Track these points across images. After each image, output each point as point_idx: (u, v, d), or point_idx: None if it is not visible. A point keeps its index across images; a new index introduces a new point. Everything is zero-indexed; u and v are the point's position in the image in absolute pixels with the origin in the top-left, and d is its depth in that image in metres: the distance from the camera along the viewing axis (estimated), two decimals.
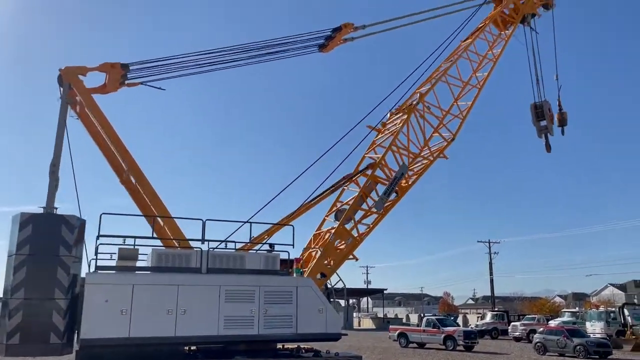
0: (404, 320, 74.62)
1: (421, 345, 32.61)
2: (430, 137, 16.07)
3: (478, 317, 57.95)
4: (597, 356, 26.34)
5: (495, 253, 66.97)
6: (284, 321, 11.11)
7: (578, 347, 26.97)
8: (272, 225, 13.91)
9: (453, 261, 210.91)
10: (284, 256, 12.17)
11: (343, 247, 14.26)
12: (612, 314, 38.16)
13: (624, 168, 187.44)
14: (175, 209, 12.86)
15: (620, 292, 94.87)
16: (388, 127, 16.12)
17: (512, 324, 43.72)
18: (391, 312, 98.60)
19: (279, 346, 12.07)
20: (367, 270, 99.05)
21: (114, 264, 10.56)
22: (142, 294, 10.01)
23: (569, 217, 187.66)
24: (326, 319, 11.59)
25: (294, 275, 12.29)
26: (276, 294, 11.18)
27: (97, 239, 10.25)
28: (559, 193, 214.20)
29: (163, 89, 13.22)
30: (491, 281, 65.99)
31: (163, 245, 11.95)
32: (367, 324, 72.93)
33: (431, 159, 15.78)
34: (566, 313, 46.41)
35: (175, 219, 12.26)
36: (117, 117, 13.22)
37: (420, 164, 15.74)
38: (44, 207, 10.39)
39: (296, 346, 12.35)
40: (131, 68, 12.88)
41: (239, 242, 12.50)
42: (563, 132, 19.41)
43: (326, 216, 15.32)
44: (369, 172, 15.01)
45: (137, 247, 11.03)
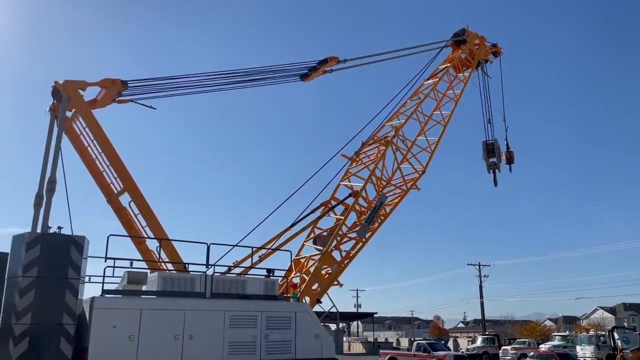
0: (394, 345, 73.71)
1: None
2: (397, 170, 16.85)
3: (469, 341, 57.59)
4: None
5: (485, 276, 66.94)
6: (283, 346, 11.16)
7: None
8: (268, 251, 14.20)
9: (443, 284, 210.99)
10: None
11: (329, 273, 14.63)
12: (602, 338, 38.14)
13: (613, 189, 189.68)
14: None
15: (609, 315, 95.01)
16: (361, 157, 16.97)
17: (503, 348, 43.51)
18: (381, 336, 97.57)
19: None
20: (357, 294, 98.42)
21: (114, 286, 10.31)
22: (150, 319, 9.70)
23: (558, 240, 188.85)
24: (321, 343, 11.74)
25: (291, 300, 12.41)
26: (276, 319, 11.24)
27: (105, 261, 10.03)
28: (548, 216, 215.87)
29: (154, 108, 13.37)
30: (482, 304, 65.85)
31: (155, 269, 11.83)
32: (357, 348, 72.08)
33: (405, 189, 16.59)
34: (556, 337, 46.26)
35: (175, 242, 12.29)
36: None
37: (396, 194, 16.57)
38: (60, 227, 9.81)
39: None
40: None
41: (242, 266, 12.86)
42: (510, 170, 20.45)
43: (305, 242, 15.78)
44: (349, 200, 15.68)
45: (146, 271, 10.99)
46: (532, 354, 31.65)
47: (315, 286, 14.39)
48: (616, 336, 37.02)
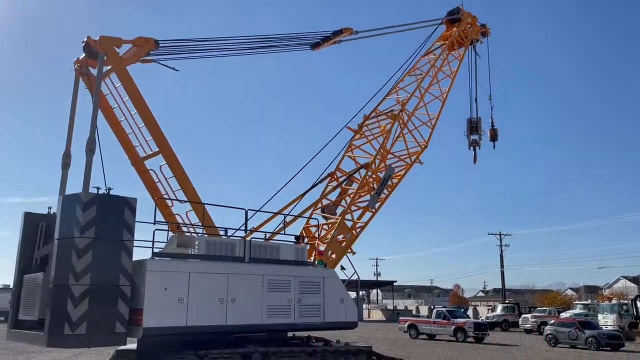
0: (413, 312, 74.52)
1: (431, 337, 32.54)
2: (394, 143, 17.37)
3: (488, 310, 57.77)
4: (609, 348, 26.14)
5: (506, 245, 66.60)
6: (314, 310, 11.66)
7: (590, 339, 26.79)
8: (294, 218, 14.85)
9: (464, 253, 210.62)
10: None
11: (344, 240, 15.17)
12: (624, 306, 37.86)
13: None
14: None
15: (632, 284, 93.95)
16: (363, 130, 17.56)
17: (523, 316, 43.52)
18: (401, 304, 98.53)
19: (290, 334, 12.21)
20: (376, 263, 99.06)
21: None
22: (197, 282, 9.87)
23: (581, 209, 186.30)
24: (346, 308, 12.28)
25: (318, 266, 12.76)
26: (308, 284, 11.68)
27: (154, 224, 10.20)
28: (572, 185, 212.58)
29: (177, 70, 13.21)
30: (502, 274, 65.71)
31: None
32: (377, 315, 72.99)
33: (409, 162, 17.11)
34: (578, 305, 46.05)
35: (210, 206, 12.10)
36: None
37: (401, 166, 17.15)
38: (97, 188, 9.67)
39: (307, 335, 12.45)
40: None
41: (268, 232, 13.28)
42: (494, 146, 21.48)
43: (314, 211, 16.06)
44: (361, 172, 16.28)
45: (193, 235, 11.17)
46: (552, 321, 31.55)
47: (329, 253, 14.74)
48: (639, 305, 36.70)
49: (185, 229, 12.14)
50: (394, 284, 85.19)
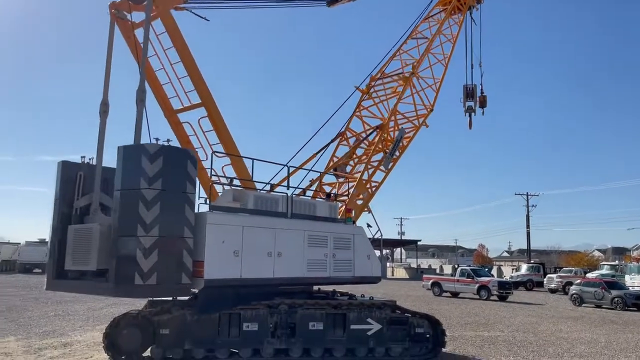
0: (437, 271, 75.04)
1: (454, 295, 32.87)
2: (396, 104, 17.63)
3: (513, 269, 57.76)
4: (635, 308, 26.04)
5: (533, 206, 66.02)
6: (345, 265, 12.03)
7: (616, 299, 26.69)
8: (321, 174, 15.38)
9: (489, 214, 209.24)
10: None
11: (361, 199, 15.70)
12: None
13: None
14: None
15: None
16: (371, 91, 17.81)
17: (548, 276, 43.44)
18: (424, 263, 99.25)
19: (315, 288, 12.49)
20: (401, 222, 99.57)
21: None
22: (249, 236, 10.11)
23: (610, 169, 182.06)
24: (372, 263, 12.67)
25: (348, 223, 13.08)
26: (340, 240, 12.03)
27: (210, 178, 10.34)
28: (602, 144, 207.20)
29: (207, 20, 12.95)
30: (528, 234, 65.40)
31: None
32: (401, 273, 73.78)
33: (417, 124, 17.40)
34: (605, 266, 45.61)
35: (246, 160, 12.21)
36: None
37: (409, 128, 17.45)
38: (157, 139, 9.50)
39: (332, 290, 12.71)
40: None
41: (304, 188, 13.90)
42: (483, 113, 21.95)
43: (325, 170, 16.38)
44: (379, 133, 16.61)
45: (247, 190, 11.36)
46: (578, 281, 31.43)
47: None
48: None
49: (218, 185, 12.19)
50: (418, 243, 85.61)
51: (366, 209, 15.95)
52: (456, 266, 45.72)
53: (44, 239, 61.40)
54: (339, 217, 13.18)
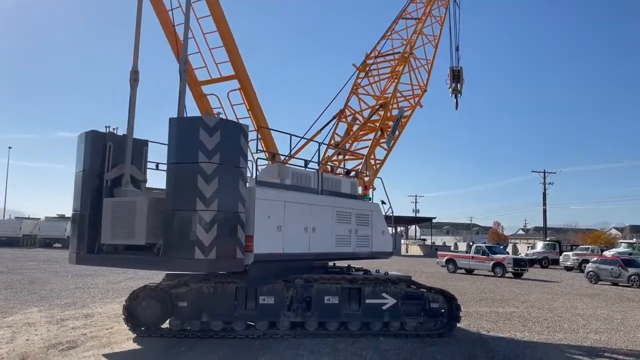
0: (452, 249, 75.05)
1: (469, 272, 32.87)
2: (391, 84, 17.67)
3: (528, 247, 57.51)
4: None
5: (550, 183, 65.29)
6: (365, 240, 12.30)
7: (633, 277, 26.49)
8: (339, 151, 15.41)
9: (505, 191, 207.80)
10: None
11: (367, 176, 15.76)
12: None
13: None
14: None
15: None
16: (367, 70, 17.91)
17: (564, 253, 43.15)
18: (439, 240, 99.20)
19: (330, 264, 12.59)
20: (415, 199, 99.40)
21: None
22: (290, 211, 10.17)
23: (629, 146, 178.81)
24: (385, 239, 13.00)
25: (366, 200, 13.44)
26: (361, 216, 12.29)
27: (256, 153, 10.40)
28: (620, 121, 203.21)
29: None
30: (544, 212, 64.82)
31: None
32: (415, 250, 73.89)
33: (413, 104, 17.50)
34: (622, 244, 45.15)
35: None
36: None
37: (407, 107, 17.47)
38: (218, 114, 9.39)
39: (347, 265, 12.79)
40: None
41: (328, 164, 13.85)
42: (461, 92, 22.19)
43: (328, 147, 16.49)
44: (381, 111, 16.70)
45: (289, 166, 11.46)
46: (594, 259, 31.21)
47: None
48: None
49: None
50: (433, 220, 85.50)
51: (371, 186, 16.08)
52: (471, 243, 45.65)
53: (63, 214, 62.68)
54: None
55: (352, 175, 13.78)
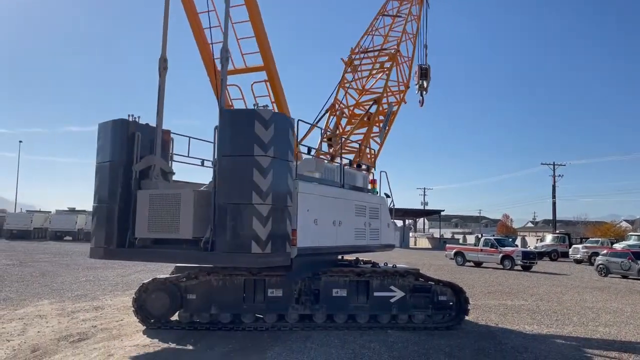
0: (460, 241, 74.90)
1: (478, 265, 32.82)
2: (378, 80, 17.73)
3: (537, 240, 57.25)
4: None
5: (559, 176, 64.84)
6: (376, 233, 12.50)
7: None
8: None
9: (513, 184, 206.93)
10: None
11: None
12: None
13: None
14: None
15: None
16: (355, 64, 17.92)
17: (574, 246, 42.93)
18: (448, 233, 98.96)
19: (339, 257, 12.62)
20: (424, 192, 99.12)
21: None
22: (323, 204, 10.31)
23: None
24: (390, 231, 13.32)
25: (374, 194, 13.58)
26: (373, 210, 12.51)
27: (297, 147, 10.17)
28: (631, 114, 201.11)
29: None
30: (554, 204, 64.42)
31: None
32: (423, 243, 73.91)
33: (399, 99, 17.64)
34: (632, 236, 44.82)
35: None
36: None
37: (393, 102, 17.60)
38: (265, 106, 9.12)
39: (355, 257, 12.81)
40: None
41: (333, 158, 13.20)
42: (427, 90, 22.36)
43: (322, 141, 16.41)
44: (374, 106, 16.84)
45: (324, 159, 11.59)
46: (604, 252, 31.01)
47: None
48: None
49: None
50: (441, 213, 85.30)
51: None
52: (480, 236, 45.51)
53: (73, 207, 63.23)
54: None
55: (364, 168, 13.81)
